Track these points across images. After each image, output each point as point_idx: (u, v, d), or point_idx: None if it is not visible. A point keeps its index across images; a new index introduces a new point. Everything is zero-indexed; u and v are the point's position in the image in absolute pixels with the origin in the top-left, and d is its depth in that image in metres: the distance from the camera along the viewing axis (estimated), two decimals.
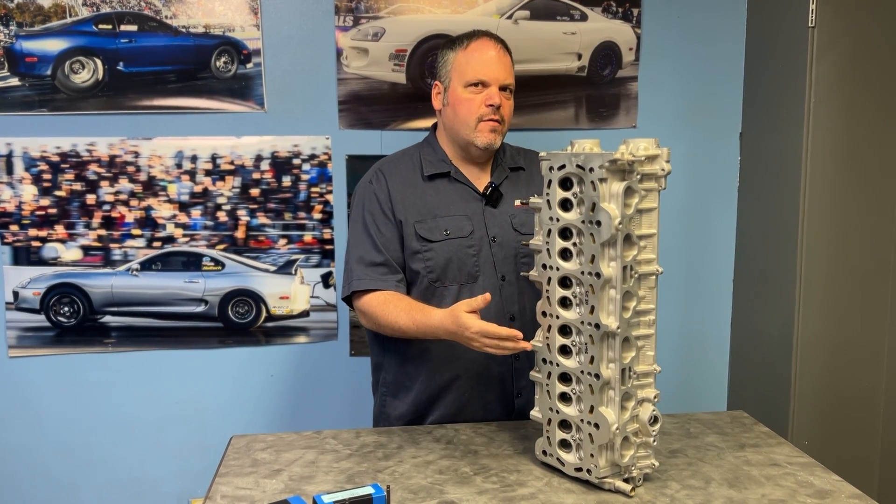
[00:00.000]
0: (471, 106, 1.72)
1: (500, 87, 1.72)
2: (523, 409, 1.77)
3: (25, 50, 2.22)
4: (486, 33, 1.77)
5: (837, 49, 2.14)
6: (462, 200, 1.77)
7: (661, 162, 1.37)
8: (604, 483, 1.40)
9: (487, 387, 1.76)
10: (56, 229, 2.30)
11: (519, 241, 1.73)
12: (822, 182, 2.19)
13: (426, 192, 1.77)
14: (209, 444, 2.37)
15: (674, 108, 2.47)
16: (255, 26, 2.28)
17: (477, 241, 1.74)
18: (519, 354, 1.72)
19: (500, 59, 1.73)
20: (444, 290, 1.73)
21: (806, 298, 2.22)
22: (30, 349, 2.33)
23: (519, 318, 1.74)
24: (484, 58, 1.72)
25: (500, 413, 1.78)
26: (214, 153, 2.31)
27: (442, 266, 1.72)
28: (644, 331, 1.40)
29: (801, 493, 1.39)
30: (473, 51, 1.73)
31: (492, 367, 1.74)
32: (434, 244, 1.72)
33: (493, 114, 1.71)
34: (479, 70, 1.71)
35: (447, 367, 1.75)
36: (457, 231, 1.73)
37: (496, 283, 1.74)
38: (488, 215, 1.76)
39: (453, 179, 1.78)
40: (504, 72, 1.73)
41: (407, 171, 1.80)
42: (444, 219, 1.74)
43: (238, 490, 1.42)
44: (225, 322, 2.38)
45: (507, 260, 1.74)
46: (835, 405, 2.26)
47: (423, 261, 1.72)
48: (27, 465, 2.37)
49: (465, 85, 1.72)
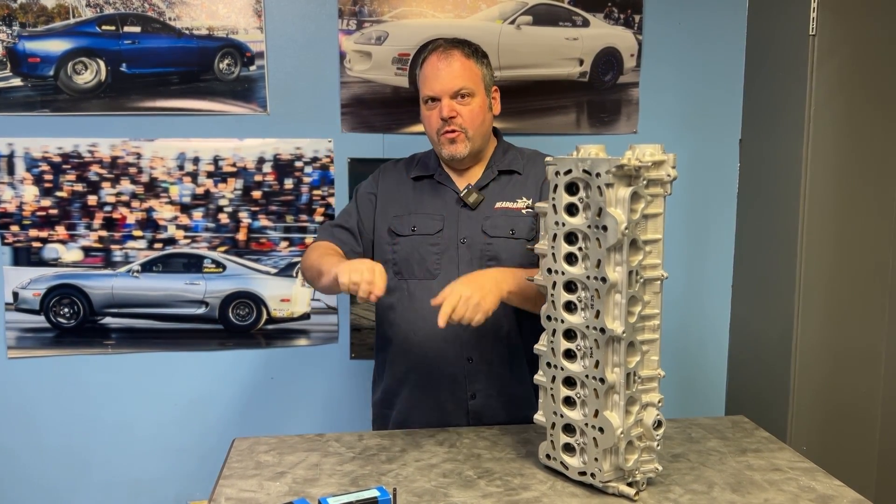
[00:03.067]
0: (430, 121, 1.77)
1: (452, 94, 1.73)
2: (480, 413, 1.79)
3: (28, 50, 2.22)
4: (436, 45, 1.79)
5: (838, 57, 2.16)
6: (441, 201, 1.82)
7: (667, 167, 1.37)
8: (608, 487, 1.40)
9: (439, 386, 1.79)
10: (57, 230, 2.29)
11: (486, 244, 1.76)
12: (822, 189, 2.20)
13: (409, 191, 1.85)
14: (209, 447, 2.37)
15: (674, 115, 2.48)
16: (258, 29, 2.29)
17: (444, 241, 1.77)
18: (472, 357, 1.76)
19: (445, 70, 1.73)
20: (403, 284, 1.79)
21: (805, 304, 2.23)
22: (29, 350, 2.33)
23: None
24: (432, 72, 1.75)
25: (456, 416, 1.79)
26: (216, 155, 2.32)
27: (404, 259, 1.79)
28: (649, 335, 1.40)
29: (804, 498, 1.40)
30: (425, 68, 1.78)
31: (443, 367, 1.77)
32: (401, 238, 1.80)
33: (447, 126, 1.74)
34: (429, 86, 1.75)
35: (400, 359, 1.82)
36: (424, 228, 1.79)
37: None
38: (462, 217, 1.79)
39: (437, 181, 1.84)
40: (450, 81, 1.73)
41: (399, 172, 1.90)
42: (416, 216, 1.81)
43: (242, 493, 1.42)
44: (225, 324, 2.38)
45: (473, 262, 1.76)
46: (833, 410, 2.27)
47: (390, 252, 1.80)
48: (26, 467, 2.36)
49: (424, 102, 1.78)
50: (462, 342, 1.76)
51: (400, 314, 1.80)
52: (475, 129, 1.76)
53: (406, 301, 1.78)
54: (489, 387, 1.78)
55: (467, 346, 1.76)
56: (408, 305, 1.78)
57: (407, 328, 1.78)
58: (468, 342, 1.76)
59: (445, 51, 1.76)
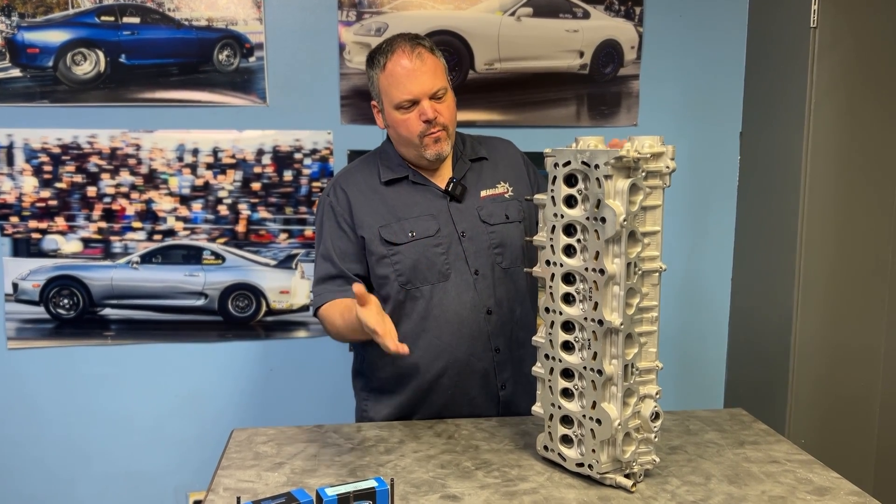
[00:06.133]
0: (409, 125, 1.67)
1: (430, 95, 1.66)
2: (510, 402, 1.77)
3: (27, 41, 2.21)
4: (398, 45, 1.68)
5: (839, 49, 2.15)
6: (425, 200, 1.74)
7: (666, 159, 1.37)
8: (605, 478, 1.41)
9: (470, 382, 1.75)
10: (56, 221, 2.29)
11: (490, 233, 1.73)
12: (822, 182, 2.20)
13: (387, 196, 1.74)
14: (208, 438, 2.37)
15: (675, 107, 2.48)
16: (257, 20, 2.28)
17: (445, 239, 1.71)
18: (499, 347, 1.74)
19: (420, 70, 1.65)
20: (416, 292, 1.71)
21: (804, 297, 2.23)
22: (29, 341, 2.33)
23: (495, 311, 1.73)
24: (403, 76, 1.65)
25: (487, 408, 1.77)
26: (216, 146, 2.31)
27: (410, 268, 1.69)
28: (647, 327, 1.40)
29: (801, 490, 1.40)
30: (391, 72, 1.66)
31: (473, 364, 1.73)
32: (400, 247, 1.70)
33: (431, 128, 1.67)
34: (403, 90, 1.65)
35: (429, 368, 1.73)
36: (422, 231, 1.71)
37: (469, 278, 1.72)
38: (454, 211, 1.74)
39: (413, 182, 1.75)
40: (428, 81, 1.65)
41: (366, 179, 1.76)
42: (409, 220, 1.71)
43: (240, 483, 1.43)
44: (225, 316, 2.38)
45: (480, 253, 1.72)
46: (832, 404, 2.27)
47: (390, 265, 1.70)
48: (25, 458, 2.37)
49: (395, 108, 1.67)
50: (488, 334, 1.73)
51: (421, 322, 1.72)
52: (453, 125, 1.72)
53: (424, 308, 1.71)
54: (517, 374, 1.76)
55: (493, 337, 1.73)
56: (427, 313, 1.71)
57: (432, 335, 1.72)
58: (493, 333, 1.73)
59: (414, 49, 1.66)
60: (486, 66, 2.38)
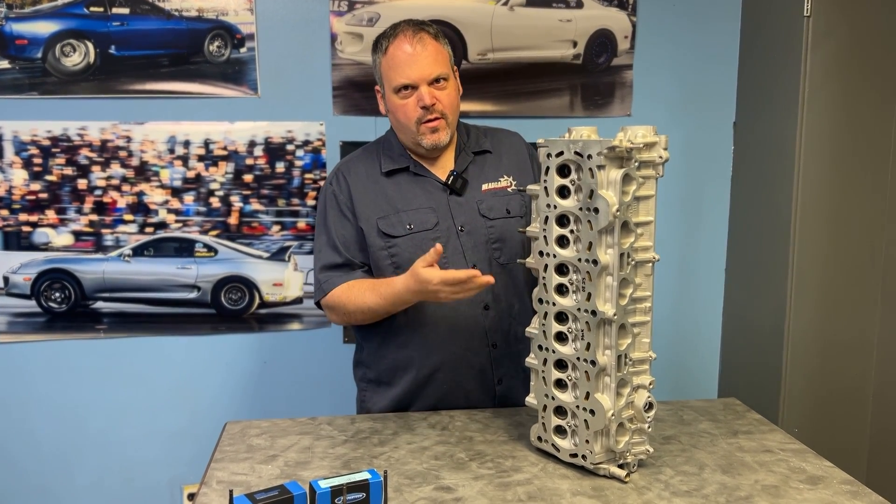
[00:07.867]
0: (406, 111, 1.67)
1: (429, 81, 1.65)
2: (506, 397, 1.77)
3: (15, 32, 2.19)
4: (401, 30, 1.68)
5: (832, 39, 2.15)
6: (425, 193, 1.73)
7: (659, 149, 1.37)
8: (599, 469, 1.41)
9: (466, 377, 1.75)
10: (47, 214, 2.28)
11: (488, 228, 1.72)
12: (816, 172, 2.20)
13: (387, 187, 1.73)
14: (201, 431, 2.37)
15: (668, 97, 2.47)
16: (248, 10, 2.26)
17: (443, 233, 1.70)
18: (496, 342, 1.73)
19: (421, 55, 1.64)
20: None
21: (797, 288, 2.23)
22: (20, 335, 2.32)
23: (493, 306, 1.72)
24: (403, 60, 1.64)
25: (483, 402, 1.77)
26: (207, 138, 2.30)
27: (408, 261, 1.66)
28: (640, 318, 1.40)
29: (794, 479, 1.41)
30: (392, 56, 1.65)
31: (470, 358, 1.73)
32: (397, 239, 1.70)
33: (428, 114, 1.66)
34: (402, 74, 1.64)
35: (426, 361, 1.73)
36: (420, 224, 1.70)
37: None
38: (454, 204, 1.72)
39: (413, 173, 1.74)
40: (428, 67, 1.64)
41: (367, 168, 1.76)
42: (407, 213, 1.71)
43: (234, 475, 1.42)
44: (218, 308, 2.37)
45: (478, 248, 1.71)
46: (825, 394, 2.28)
47: (388, 257, 1.70)
48: (17, 452, 2.36)
49: (395, 91, 1.66)
50: (485, 329, 1.72)
51: (417, 315, 1.71)
52: (453, 114, 1.70)
53: (420, 302, 1.67)
54: (514, 369, 1.75)
55: (490, 332, 1.73)
56: (423, 306, 1.69)
57: (428, 329, 1.71)
58: (490, 328, 1.72)
59: (416, 34, 1.65)
60: (480, 56, 2.37)
